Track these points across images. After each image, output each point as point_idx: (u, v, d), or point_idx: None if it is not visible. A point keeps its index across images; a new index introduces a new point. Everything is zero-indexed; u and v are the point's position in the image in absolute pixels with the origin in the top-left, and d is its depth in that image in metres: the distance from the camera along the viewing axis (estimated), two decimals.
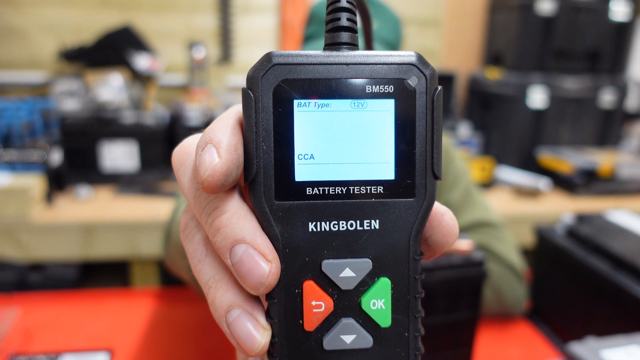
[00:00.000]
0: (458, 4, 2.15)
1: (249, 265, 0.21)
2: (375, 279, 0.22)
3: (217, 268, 0.23)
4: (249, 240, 0.21)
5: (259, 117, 0.21)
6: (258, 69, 0.21)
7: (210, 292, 0.22)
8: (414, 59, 0.22)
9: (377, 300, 0.22)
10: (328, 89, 0.21)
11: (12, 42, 1.80)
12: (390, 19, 0.90)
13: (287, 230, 0.22)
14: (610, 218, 0.89)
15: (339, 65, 0.21)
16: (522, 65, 1.94)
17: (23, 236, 1.31)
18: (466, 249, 0.60)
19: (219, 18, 1.93)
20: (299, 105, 0.21)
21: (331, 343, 0.22)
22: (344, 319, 0.22)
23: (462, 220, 0.87)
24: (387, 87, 0.21)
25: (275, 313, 0.22)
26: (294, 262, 0.22)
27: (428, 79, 0.22)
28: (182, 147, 0.24)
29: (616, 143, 2.02)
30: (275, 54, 0.21)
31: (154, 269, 1.44)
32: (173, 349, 0.72)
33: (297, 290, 0.22)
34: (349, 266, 0.22)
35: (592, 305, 0.77)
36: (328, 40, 0.23)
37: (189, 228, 0.24)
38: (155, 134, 1.61)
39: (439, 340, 0.61)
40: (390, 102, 0.22)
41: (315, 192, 0.22)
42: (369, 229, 0.22)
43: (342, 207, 0.22)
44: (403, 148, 0.22)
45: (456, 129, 1.97)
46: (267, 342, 0.22)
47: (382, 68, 0.21)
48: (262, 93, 0.21)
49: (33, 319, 0.78)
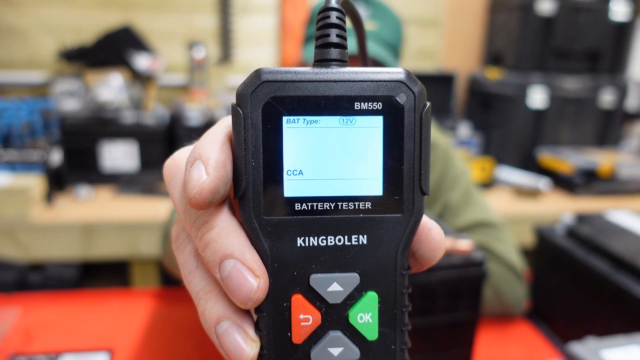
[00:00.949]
0: (458, 4, 2.15)
1: (237, 280, 0.21)
2: (363, 293, 0.23)
3: (208, 280, 0.23)
4: (238, 255, 0.21)
5: (248, 134, 0.21)
6: (247, 86, 0.21)
7: (200, 303, 0.23)
8: (402, 76, 0.22)
9: (364, 313, 0.23)
10: (317, 106, 0.21)
11: (12, 42, 1.80)
12: (391, 19, 0.90)
13: (276, 245, 0.22)
14: (610, 218, 0.89)
15: (328, 82, 0.21)
16: (522, 65, 1.94)
17: (23, 236, 1.31)
18: (466, 249, 0.60)
19: (219, 18, 1.93)
20: (288, 122, 0.21)
21: (319, 356, 0.22)
22: (332, 332, 0.23)
23: (462, 220, 0.87)
24: (375, 104, 0.22)
25: (264, 325, 0.22)
26: (283, 276, 0.22)
27: (416, 96, 0.22)
28: (173, 160, 0.25)
29: (616, 143, 2.02)
30: (264, 70, 0.21)
31: (154, 269, 1.44)
32: (173, 349, 0.72)
33: (285, 303, 0.22)
34: (337, 280, 0.22)
35: (592, 305, 0.77)
36: (317, 56, 0.23)
37: (180, 239, 0.24)
38: (155, 134, 1.61)
39: (439, 340, 0.61)
40: (378, 119, 0.22)
41: (304, 207, 0.22)
42: (356, 244, 0.22)
43: (331, 223, 0.22)
44: (391, 164, 0.22)
45: (456, 129, 1.97)
46: (255, 354, 0.22)
47: (371, 85, 0.22)
48: (251, 110, 0.21)
49: (33, 319, 0.78)
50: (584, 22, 1.90)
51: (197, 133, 0.25)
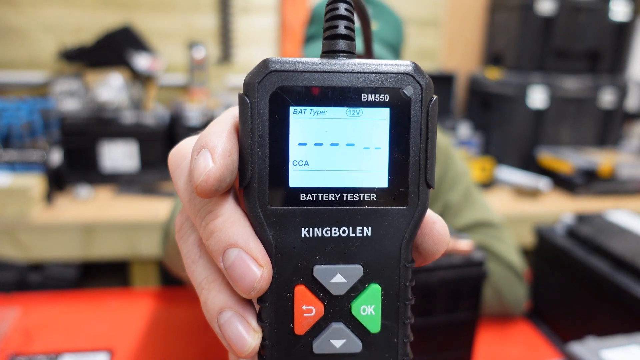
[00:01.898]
0: (458, 4, 2.15)
1: (241, 270, 0.21)
2: (366, 285, 0.23)
3: (211, 270, 0.23)
4: (242, 244, 0.21)
5: (254, 123, 0.21)
6: (255, 75, 0.21)
7: (203, 293, 0.23)
8: (410, 68, 0.22)
9: (367, 306, 0.23)
10: (324, 97, 0.21)
11: (12, 42, 1.80)
12: (392, 19, 0.89)
13: (280, 235, 0.22)
14: (610, 218, 0.89)
15: (336, 73, 0.21)
16: (522, 65, 1.94)
17: (23, 236, 1.31)
18: (466, 249, 0.60)
19: (219, 18, 1.93)
20: (294, 112, 0.21)
21: (321, 347, 0.22)
22: (334, 324, 0.23)
23: (462, 220, 0.87)
24: (382, 96, 0.22)
25: (266, 316, 0.22)
26: (286, 266, 0.22)
27: (424, 89, 0.22)
28: (179, 150, 0.25)
29: (616, 143, 2.02)
30: (272, 60, 0.21)
31: (154, 269, 1.44)
32: (173, 349, 0.72)
33: (288, 294, 0.22)
34: (340, 272, 0.22)
35: (592, 305, 0.77)
36: (325, 47, 0.23)
37: (184, 229, 0.24)
38: (155, 134, 1.61)
39: (439, 340, 0.61)
40: (385, 111, 0.22)
41: (309, 198, 0.22)
42: (361, 236, 0.22)
43: (335, 214, 0.22)
44: (397, 157, 0.22)
45: (456, 129, 1.97)
46: (257, 344, 0.22)
47: (378, 77, 0.22)
48: (258, 99, 0.21)
49: (33, 319, 0.78)
50: (584, 22, 1.90)
51: (197, 133, 0.25)
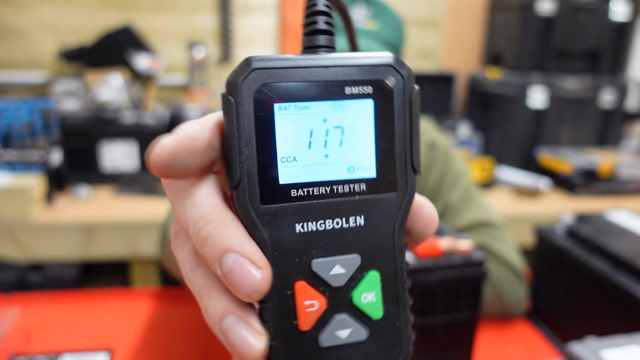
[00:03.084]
0: (458, 4, 2.15)
1: (240, 275, 0.20)
2: (365, 273, 0.23)
3: (209, 276, 0.22)
4: (238, 248, 0.21)
5: (240, 122, 0.21)
6: (238, 74, 0.21)
7: (202, 300, 0.22)
8: (390, 59, 0.22)
9: (368, 293, 0.23)
10: (308, 92, 0.21)
11: (12, 42, 1.80)
12: (393, 20, 0.89)
13: (274, 234, 0.22)
14: (610, 218, 0.89)
15: (318, 68, 0.22)
16: (522, 65, 1.94)
17: (23, 236, 1.31)
18: (466, 249, 0.60)
19: (219, 18, 1.93)
20: (279, 109, 0.21)
21: (327, 340, 0.22)
22: (338, 315, 0.23)
23: (462, 220, 0.87)
24: (365, 88, 0.22)
25: (269, 316, 0.22)
26: (284, 264, 0.22)
27: (405, 79, 0.22)
28: None
29: (616, 143, 2.02)
30: (254, 58, 0.21)
31: (154, 269, 1.44)
32: (173, 349, 0.72)
33: (289, 291, 0.22)
34: (339, 263, 0.22)
35: (592, 305, 0.77)
36: (306, 43, 0.23)
37: (179, 237, 0.24)
38: (155, 134, 1.59)
39: (439, 341, 0.61)
40: (369, 103, 0.22)
41: (300, 193, 0.22)
42: (354, 226, 0.22)
43: (327, 207, 0.22)
44: (383, 146, 0.22)
45: (456, 129, 1.97)
46: (263, 346, 0.21)
47: (360, 69, 0.22)
48: (242, 98, 0.21)
49: (33, 319, 0.78)
50: (584, 22, 1.90)
51: None
